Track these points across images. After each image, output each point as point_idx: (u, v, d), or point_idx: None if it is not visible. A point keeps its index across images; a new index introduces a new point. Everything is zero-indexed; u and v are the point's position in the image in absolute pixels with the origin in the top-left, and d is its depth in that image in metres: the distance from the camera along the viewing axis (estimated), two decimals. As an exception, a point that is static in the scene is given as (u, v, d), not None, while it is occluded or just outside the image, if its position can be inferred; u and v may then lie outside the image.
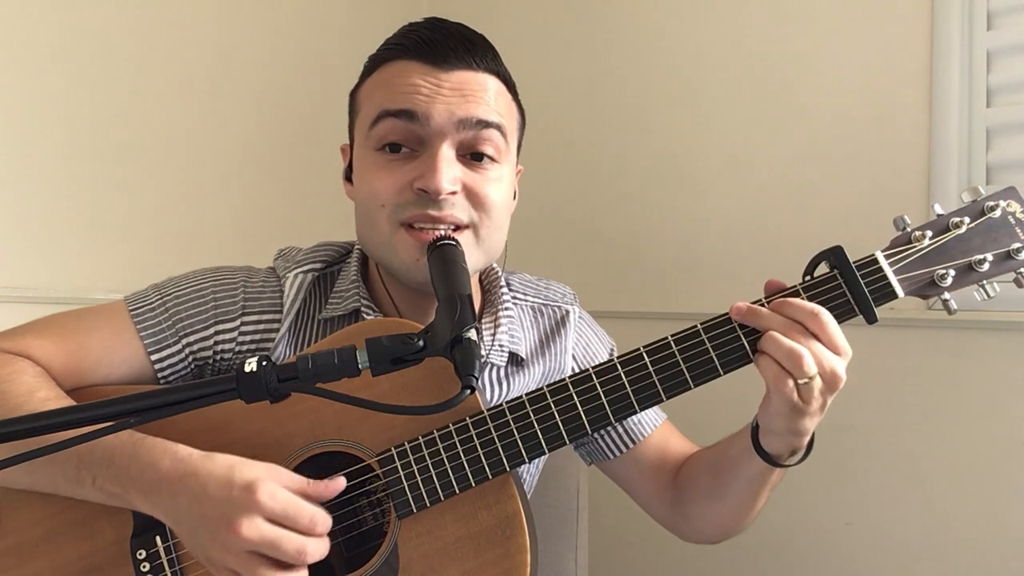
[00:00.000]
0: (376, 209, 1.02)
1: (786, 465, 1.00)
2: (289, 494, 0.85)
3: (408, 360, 0.79)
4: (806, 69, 1.72)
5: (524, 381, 1.14)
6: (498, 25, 2.21)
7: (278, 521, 0.84)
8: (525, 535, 0.92)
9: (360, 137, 1.06)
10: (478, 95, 1.02)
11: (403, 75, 1.02)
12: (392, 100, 1.01)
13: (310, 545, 0.84)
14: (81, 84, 1.72)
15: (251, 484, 0.84)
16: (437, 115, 0.99)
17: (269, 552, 0.83)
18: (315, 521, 0.85)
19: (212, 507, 0.84)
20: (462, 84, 1.01)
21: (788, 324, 0.89)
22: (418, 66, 1.02)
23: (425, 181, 0.99)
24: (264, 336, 1.08)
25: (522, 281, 1.22)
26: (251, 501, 0.83)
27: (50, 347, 1.02)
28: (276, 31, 2.06)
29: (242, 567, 0.84)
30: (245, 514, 0.83)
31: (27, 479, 0.94)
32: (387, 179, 1.01)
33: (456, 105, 1.00)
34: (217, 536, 0.84)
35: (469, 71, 1.02)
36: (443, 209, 1.00)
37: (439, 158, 0.99)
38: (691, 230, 1.89)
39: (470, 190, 1.02)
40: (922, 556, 1.57)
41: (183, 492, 0.86)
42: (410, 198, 1.00)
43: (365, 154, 1.05)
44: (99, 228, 1.74)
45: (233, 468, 0.86)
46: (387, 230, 1.02)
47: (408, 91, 1.00)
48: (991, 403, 1.50)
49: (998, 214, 0.94)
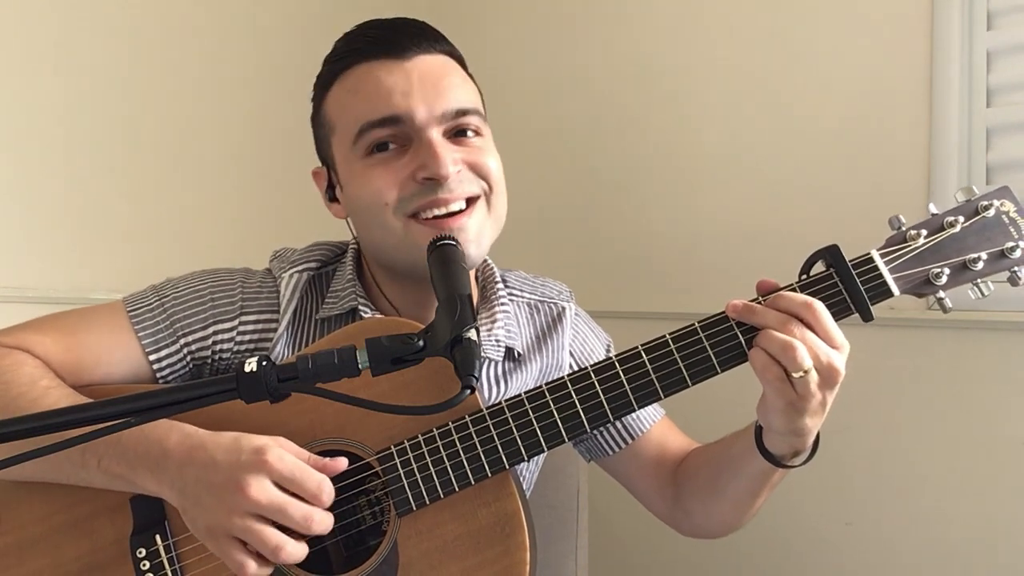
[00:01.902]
0: (381, 208, 1.02)
1: (789, 466, 1.00)
2: (297, 460, 0.86)
3: (408, 360, 0.79)
4: (806, 69, 1.72)
5: (522, 379, 1.15)
6: (497, 24, 2.23)
7: (285, 486, 0.85)
8: (524, 533, 0.92)
9: (343, 152, 1.06)
10: (447, 83, 1.04)
11: (369, 78, 1.03)
12: (371, 110, 1.02)
13: (317, 513, 0.85)
14: (81, 85, 1.72)
15: (260, 448, 0.85)
16: (418, 112, 1.01)
17: (275, 516, 0.84)
18: (322, 487, 0.86)
19: (219, 473, 0.85)
20: (429, 72, 1.03)
21: (783, 319, 0.89)
22: (379, 64, 1.03)
23: (429, 169, 1.00)
24: (262, 336, 1.09)
25: (518, 278, 1.22)
26: (260, 462, 0.84)
27: (49, 343, 1.03)
28: (276, 32, 2.06)
29: (246, 530, 0.84)
30: (254, 475, 0.84)
31: (31, 466, 0.94)
32: (387, 175, 1.02)
33: (432, 99, 1.02)
34: (224, 499, 0.84)
35: (428, 55, 1.05)
36: (453, 189, 1.01)
37: (436, 145, 1.00)
38: (689, 229, 1.89)
39: (472, 164, 1.04)
40: (922, 556, 1.57)
41: (190, 463, 0.87)
42: (415, 189, 1.01)
43: (353, 166, 1.05)
44: (99, 228, 1.75)
45: (240, 437, 0.87)
46: (399, 226, 1.03)
47: (383, 95, 1.01)
48: (990, 403, 1.50)
49: (992, 213, 0.94)
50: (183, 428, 0.90)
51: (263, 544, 0.84)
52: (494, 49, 2.21)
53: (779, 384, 0.88)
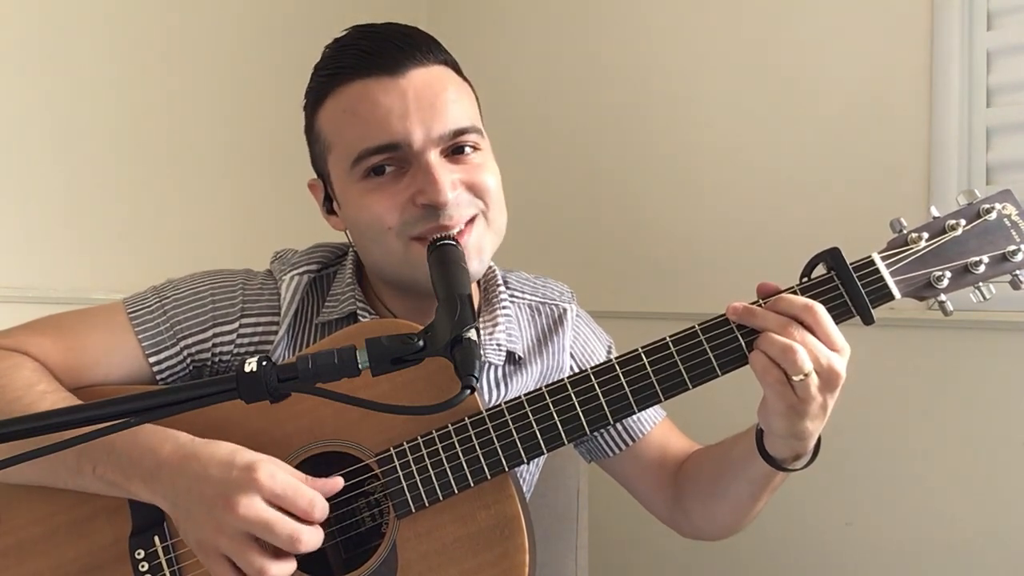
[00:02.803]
0: (383, 232, 1.01)
1: (790, 469, 0.99)
2: (289, 477, 0.85)
3: (408, 360, 0.79)
4: (806, 69, 1.72)
5: (523, 381, 1.14)
6: (496, 23, 2.23)
7: (277, 503, 0.84)
8: (524, 535, 0.92)
9: (339, 173, 1.05)
10: (443, 101, 1.01)
11: (365, 99, 1.00)
12: (368, 136, 1.00)
13: (304, 533, 0.84)
14: (81, 85, 1.72)
15: (252, 464, 0.85)
16: (416, 136, 0.99)
17: (262, 534, 0.83)
18: (314, 504, 0.85)
19: (211, 486, 0.85)
20: (424, 89, 1.00)
21: (783, 322, 0.89)
22: (374, 82, 1.00)
23: (428, 196, 0.99)
24: (263, 338, 1.08)
25: (519, 279, 1.22)
26: (251, 480, 0.83)
27: (48, 345, 1.02)
28: (277, 32, 2.06)
29: (233, 549, 0.84)
30: (244, 493, 0.83)
31: (27, 471, 0.94)
32: (385, 201, 1.01)
33: (429, 120, 0.99)
34: (213, 514, 0.84)
35: (422, 67, 1.02)
36: (452, 216, 1.00)
37: (434, 170, 0.99)
38: (690, 230, 1.89)
39: (468, 184, 1.02)
40: (922, 556, 1.57)
41: (183, 474, 0.87)
42: (416, 214, 1.00)
43: (350, 187, 1.04)
44: (99, 228, 1.74)
45: (235, 451, 0.87)
46: (400, 248, 1.02)
47: (380, 119, 0.99)
48: (990, 403, 1.50)
49: (993, 217, 0.94)
50: (178, 437, 0.90)
51: (247, 566, 0.84)
52: (494, 48, 2.21)
53: (779, 387, 0.88)
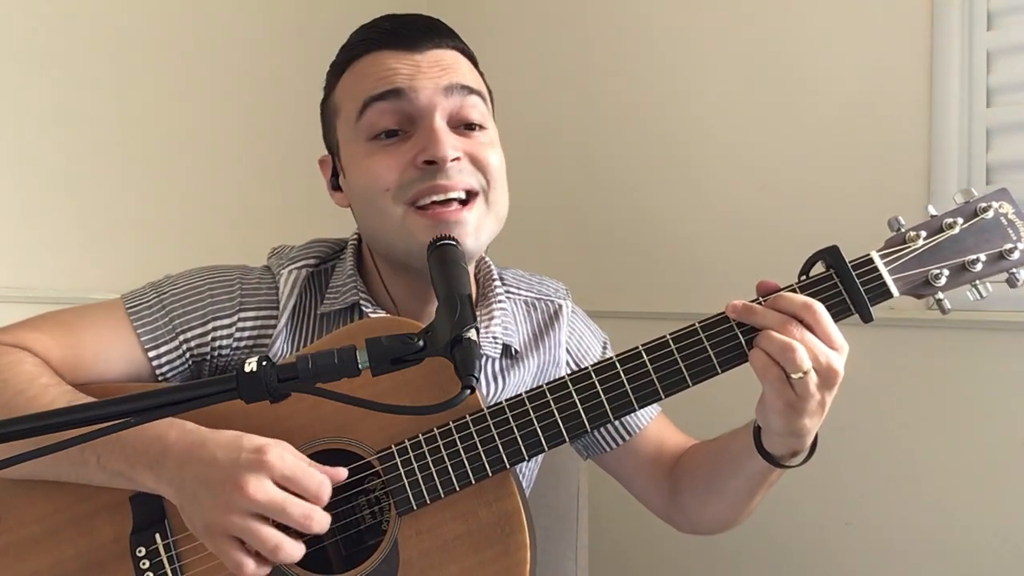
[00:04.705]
0: (381, 195, 1.03)
1: (788, 466, 1.00)
2: (298, 460, 0.86)
3: (408, 360, 0.79)
4: (806, 69, 1.72)
5: (519, 375, 1.15)
6: (495, 22, 2.22)
7: (285, 485, 0.84)
8: (525, 532, 0.92)
9: (347, 134, 1.07)
10: (455, 67, 1.05)
11: (378, 64, 1.04)
12: (374, 86, 1.03)
13: (317, 512, 0.85)
14: (81, 84, 1.72)
15: (261, 447, 0.85)
16: (423, 88, 1.02)
17: (275, 514, 0.83)
18: (323, 487, 0.85)
19: (219, 470, 0.85)
20: (438, 60, 1.04)
21: (783, 319, 0.89)
22: (390, 53, 1.04)
23: (429, 152, 1.00)
24: (261, 332, 1.09)
25: (515, 276, 1.23)
26: (260, 461, 0.84)
27: (47, 340, 1.03)
28: (276, 30, 2.06)
29: (244, 529, 0.83)
30: (253, 474, 0.83)
31: (31, 464, 0.94)
32: (387, 161, 1.02)
33: (438, 77, 1.03)
34: (221, 497, 0.84)
35: (440, 49, 1.06)
36: (451, 176, 1.01)
37: (437, 128, 1.01)
38: (689, 229, 1.89)
39: (472, 156, 1.04)
40: (922, 556, 1.57)
41: (190, 460, 0.87)
42: (415, 175, 1.01)
43: (357, 148, 1.05)
44: (99, 228, 1.75)
45: (241, 436, 0.87)
46: (398, 213, 1.02)
47: (388, 74, 1.03)
48: (990, 403, 1.50)
49: (990, 215, 0.95)
50: (183, 425, 0.90)
51: (261, 543, 0.84)
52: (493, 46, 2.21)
53: (778, 385, 0.88)
